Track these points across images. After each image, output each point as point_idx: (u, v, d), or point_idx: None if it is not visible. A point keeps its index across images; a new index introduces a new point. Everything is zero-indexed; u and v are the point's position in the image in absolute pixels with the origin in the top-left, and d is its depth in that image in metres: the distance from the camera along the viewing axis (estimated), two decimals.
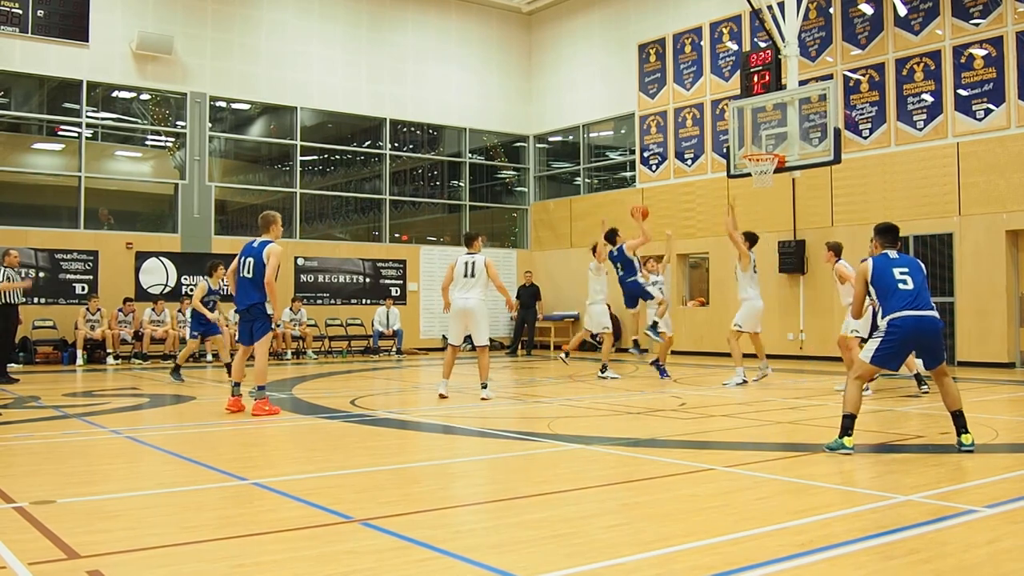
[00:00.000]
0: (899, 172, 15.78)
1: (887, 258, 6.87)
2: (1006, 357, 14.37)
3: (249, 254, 9.02)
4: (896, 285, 6.64)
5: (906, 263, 6.81)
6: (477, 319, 10.18)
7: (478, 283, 10.20)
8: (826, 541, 3.94)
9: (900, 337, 6.53)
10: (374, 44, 21.19)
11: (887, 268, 6.79)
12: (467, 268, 10.30)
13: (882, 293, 6.72)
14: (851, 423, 6.40)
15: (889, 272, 6.74)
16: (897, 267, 6.75)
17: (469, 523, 4.39)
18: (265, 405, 8.76)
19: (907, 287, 6.63)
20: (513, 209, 24.01)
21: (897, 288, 6.62)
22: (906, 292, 6.61)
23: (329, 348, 19.46)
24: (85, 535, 4.08)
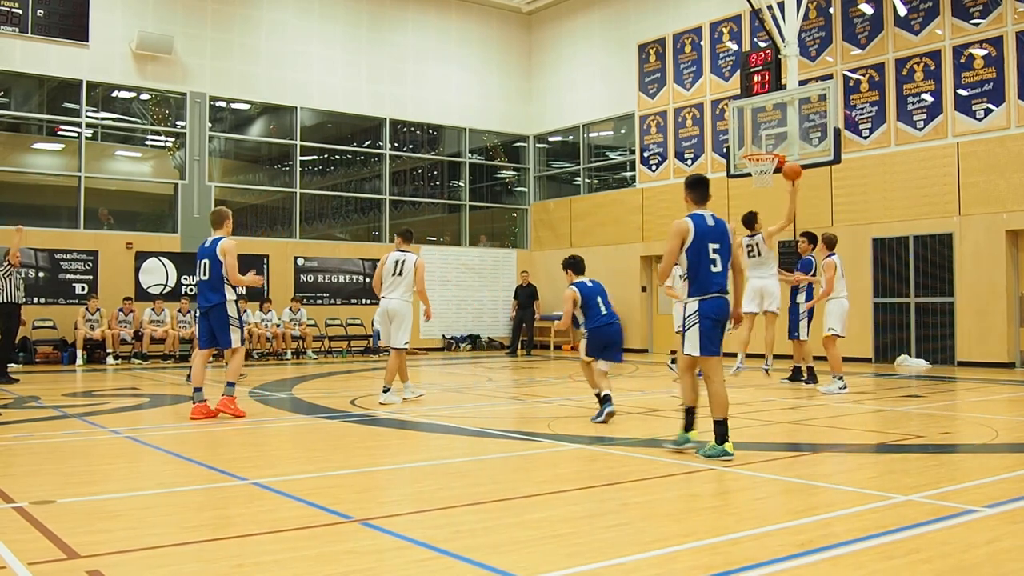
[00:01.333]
0: (899, 172, 15.78)
1: (704, 224, 6.26)
2: (1006, 357, 14.37)
3: (204, 255, 8.65)
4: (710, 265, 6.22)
5: (719, 235, 6.30)
6: (399, 320, 9.70)
7: (404, 282, 9.72)
8: (826, 541, 3.94)
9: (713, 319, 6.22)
10: (374, 44, 21.19)
11: (706, 239, 6.22)
12: (396, 266, 9.79)
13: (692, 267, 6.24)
14: (725, 428, 6.17)
15: (706, 246, 6.22)
16: (712, 241, 6.23)
17: (469, 523, 4.38)
18: (231, 403, 8.52)
19: (716, 269, 6.24)
20: (513, 209, 24.02)
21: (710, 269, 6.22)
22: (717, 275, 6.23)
23: (329, 348, 19.46)
24: (85, 535, 4.08)
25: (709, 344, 6.20)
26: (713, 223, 6.29)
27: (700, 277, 6.22)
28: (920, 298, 15.43)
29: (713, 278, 6.22)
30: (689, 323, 6.26)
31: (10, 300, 12.35)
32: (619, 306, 23.98)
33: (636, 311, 20.52)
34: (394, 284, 9.78)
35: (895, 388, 11.61)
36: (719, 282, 6.24)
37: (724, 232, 6.31)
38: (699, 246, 6.20)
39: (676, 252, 6.25)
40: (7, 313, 12.40)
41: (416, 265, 9.77)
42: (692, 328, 6.23)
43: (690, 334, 6.24)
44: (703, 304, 6.20)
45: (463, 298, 21.96)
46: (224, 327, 8.57)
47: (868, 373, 13.81)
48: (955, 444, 7.03)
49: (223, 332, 8.58)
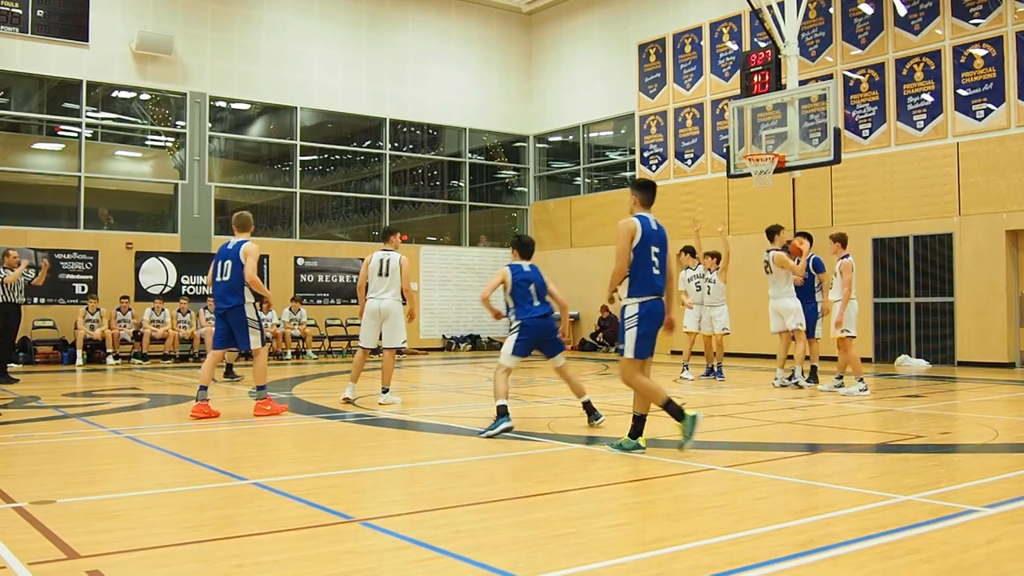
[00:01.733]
0: (899, 172, 15.78)
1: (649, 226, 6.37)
2: (1006, 357, 14.37)
3: (226, 256, 8.71)
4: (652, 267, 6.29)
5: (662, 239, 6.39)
6: (392, 320, 9.62)
7: (393, 282, 9.64)
8: (826, 541, 3.94)
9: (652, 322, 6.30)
10: (374, 44, 21.19)
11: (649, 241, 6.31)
12: (382, 266, 9.67)
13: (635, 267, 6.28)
14: (642, 424, 6.38)
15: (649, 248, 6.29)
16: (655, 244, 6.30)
17: (469, 523, 4.38)
18: (266, 405, 8.67)
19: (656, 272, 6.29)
20: (513, 209, 24.02)
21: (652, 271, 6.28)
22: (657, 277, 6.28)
23: (329, 348, 19.46)
24: (85, 535, 4.08)
25: (644, 347, 6.31)
26: (656, 227, 6.43)
27: (640, 278, 6.30)
28: (920, 298, 15.43)
29: (653, 281, 6.33)
30: (628, 325, 6.34)
31: (9, 300, 12.35)
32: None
33: None
34: (382, 284, 9.67)
35: (895, 388, 11.61)
36: (658, 285, 6.35)
37: (664, 237, 6.49)
38: (643, 248, 6.30)
39: (627, 252, 6.30)
40: (6, 313, 12.39)
41: (401, 263, 9.71)
42: (631, 330, 6.31)
43: (628, 335, 6.32)
44: (643, 306, 6.30)
45: (463, 298, 21.96)
46: (243, 329, 8.61)
47: (868, 373, 13.79)
48: (955, 444, 7.03)
49: (242, 334, 8.62)
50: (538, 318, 7.63)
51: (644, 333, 6.29)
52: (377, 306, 9.65)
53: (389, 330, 9.69)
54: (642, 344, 6.28)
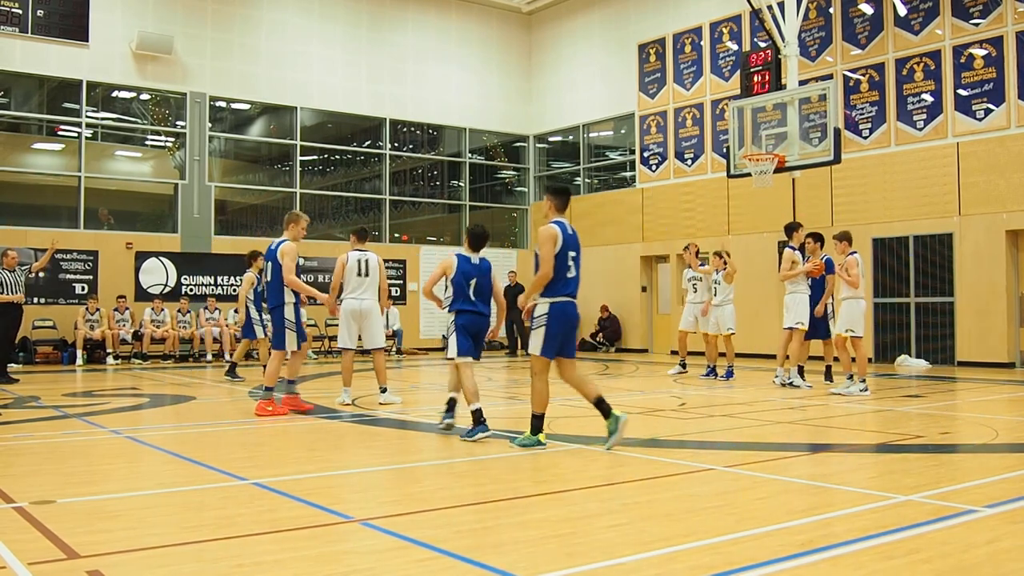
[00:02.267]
0: (899, 172, 15.78)
1: (567, 231, 6.53)
2: (1006, 357, 14.37)
3: (269, 256, 8.89)
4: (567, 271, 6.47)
5: (577, 244, 6.58)
6: (372, 321, 9.60)
7: (372, 283, 9.62)
8: (826, 541, 3.94)
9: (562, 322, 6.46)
10: (374, 44, 21.19)
11: (567, 246, 6.46)
12: (360, 266, 9.62)
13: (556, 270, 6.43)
14: (541, 422, 6.54)
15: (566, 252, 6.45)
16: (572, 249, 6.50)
17: (469, 523, 4.38)
18: (268, 405, 8.66)
19: (572, 275, 6.50)
20: (513, 209, 24.02)
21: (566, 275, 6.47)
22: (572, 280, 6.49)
23: (329, 348, 19.45)
24: (85, 535, 4.08)
25: (551, 346, 6.46)
26: (571, 232, 6.60)
27: (558, 280, 6.46)
28: (920, 298, 15.43)
29: (569, 284, 6.49)
30: (537, 324, 6.50)
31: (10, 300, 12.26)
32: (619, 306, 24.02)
33: (636, 311, 20.53)
34: (361, 285, 9.63)
35: (895, 388, 11.62)
36: (573, 288, 6.52)
37: (578, 241, 6.67)
38: (563, 253, 6.46)
39: (552, 257, 6.42)
40: (5, 313, 12.30)
41: (379, 264, 9.80)
42: (540, 329, 6.47)
43: (536, 334, 6.48)
44: (554, 307, 6.45)
45: None
46: (279, 330, 8.66)
47: (868, 373, 13.80)
48: (955, 444, 7.03)
49: (278, 335, 8.70)
50: (475, 313, 7.36)
51: (553, 333, 6.45)
52: (358, 307, 9.59)
53: (369, 331, 9.64)
54: (550, 344, 6.45)
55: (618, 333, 20.65)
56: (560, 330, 6.46)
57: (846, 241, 10.78)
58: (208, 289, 18.58)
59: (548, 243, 6.41)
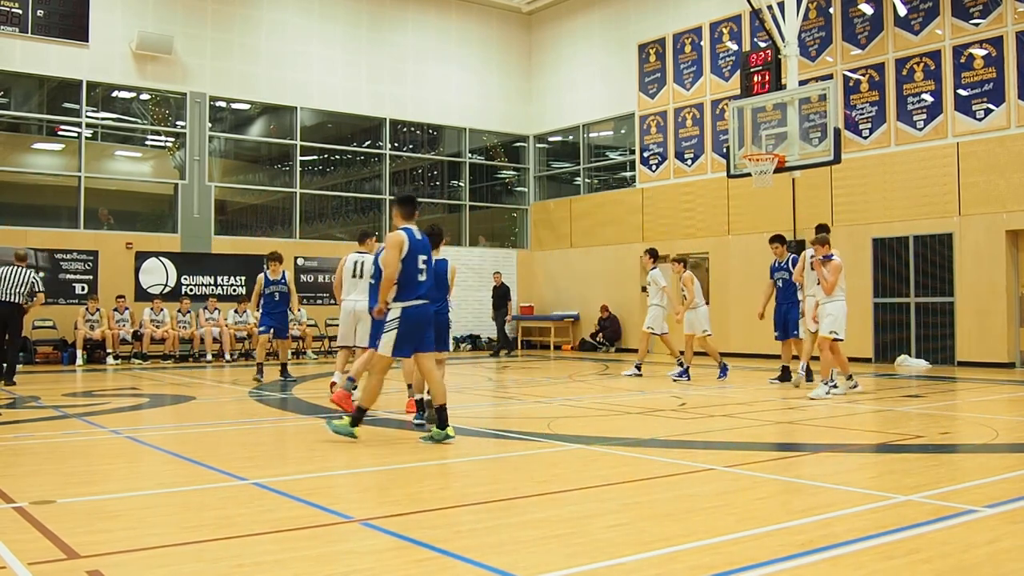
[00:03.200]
0: (899, 172, 15.78)
1: (415, 238, 6.89)
2: (1006, 357, 14.37)
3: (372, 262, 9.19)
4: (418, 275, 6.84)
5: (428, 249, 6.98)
6: (367, 321, 9.43)
7: (366, 285, 9.50)
8: (826, 541, 3.94)
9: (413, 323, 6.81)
10: (374, 44, 21.19)
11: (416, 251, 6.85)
12: (356, 268, 9.89)
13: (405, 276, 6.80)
14: (363, 415, 6.92)
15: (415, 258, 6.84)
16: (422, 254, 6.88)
17: (469, 523, 4.38)
18: (348, 399, 8.73)
19: (423, 279, 6.86)
20: (513, 209, 24.02)
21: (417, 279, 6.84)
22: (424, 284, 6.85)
23: (329, 348, 19.45)
24: (85, 535, 4.08)
25: (400, 348, 6.86)
26: (420, 237, 7.00)
27: (409, 285, 6.84)
28: (920, 298, 15.43)
29: (420, 287, 6.89)
30: (389, 327, 6.84)
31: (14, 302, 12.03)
32: (619, 306, 23.97)
33: (636, 311, 20.50)
34: (355, 286, 9.86)
35: (895, 388, 11.62)
36: (424, 290, 6.91)
37: (428, 246, 7.06)
38: (411, 257, 6.84)
39: (396, 262, 6.80)
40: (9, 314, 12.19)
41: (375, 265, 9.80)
42: (391, 332, 6.82)
43: (387, 337, 6.83)
44: (406, 311, 6.83)
45: (463, 298, 21.94)
46: (376, 331, 8.76)
47: (868, 373, 13.81)
48: (955, 444, 7.03)
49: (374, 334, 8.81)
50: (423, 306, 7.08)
51: (404, 334, 6.83)
52: (352, 307, 9.87)
53: (364, 330, 9.71)
54: (400, 345, 6.83)
55: (618, 333, 20.65)
56: (411, 333, 6.85)
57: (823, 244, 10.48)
58: (208, 289, 18.58)
59: (393, 249, 6.81)
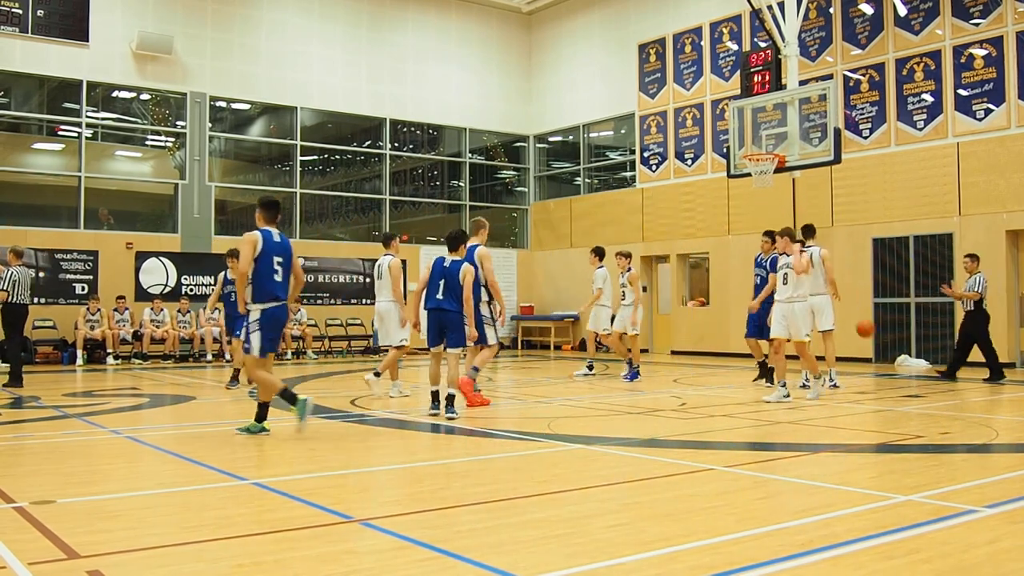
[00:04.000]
0: (899, 172, 15.78)
1: (271, 239, 7.23)
2: (1006, 357, 14.36)
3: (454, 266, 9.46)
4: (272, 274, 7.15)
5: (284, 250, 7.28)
6: (385, 321, 10.22)
7: (385, 285, 10.22)
8: (826, 541, 3.94)
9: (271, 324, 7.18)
10: (374, 44, 21.19)
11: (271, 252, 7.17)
12: (377, 270, 10.36)
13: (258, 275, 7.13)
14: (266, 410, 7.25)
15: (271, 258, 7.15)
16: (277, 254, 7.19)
17: (469, 523, 4.38)
18: (470, 386, 9.33)
19: (279, 280, 7.17)
20: (513, 209, 24.02)
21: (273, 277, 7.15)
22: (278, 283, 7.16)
23: (329, 348, 19.46)
24: (85, 535, 4.08)
25: (269, 346, 7.20)
26: (279, 239, 7.31)
27: (262, 286, 7.14)
28: (920, 298, 15.43)
29: (275, 288, 7.18)
30: (252, 328, 7.15)
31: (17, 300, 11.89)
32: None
33: None
34: (378, 288, 10.40)
35: (895, 388, 11.62)
36: (278, 291, 7.20)
37: (287, 248, 7.34)
38: (265, 258, 7.14)
39: (250, 259, 7.12)
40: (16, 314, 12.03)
41: (390, 266, 10.26)
42: (255, 333, 7.13)
43: (254, 338, 7.14)
44: (265, 313, 7.15)
45: None
46: (480, 326, 9.54)
47: (868, 373, 13.81)
48: (955, 444, 7.02)
49: (480, 330, 9.46)
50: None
51: (268, 336, 7.17)
52: (376, 308, 10.44)
53: (384, 330, 10.33)
54: (266, 345, 7.16)
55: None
56: (272, 333, 7.22)
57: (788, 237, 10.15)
58: (208, 289, 18.55)
59: (247, 246, 7.14)
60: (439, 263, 8.59)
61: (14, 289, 11.75)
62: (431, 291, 8.53)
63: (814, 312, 11.09)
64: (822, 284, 11.10)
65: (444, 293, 8.42)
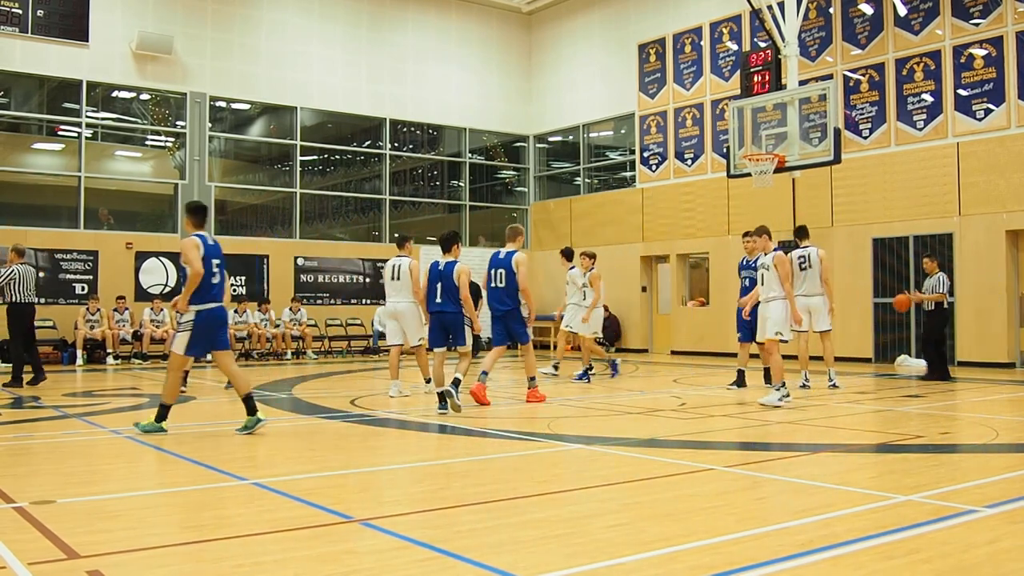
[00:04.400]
0: (899, 172, 15.78)
1: (208, 242, 7.42)
2: (1006, 357, 14.37)
3: (499, 265, 9.99)
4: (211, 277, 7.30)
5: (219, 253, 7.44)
6: (407, 321, 10.34)
7: (404, 287, 10.31)
8: (826, 541, 3.94)
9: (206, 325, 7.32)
10: (374, 44, 21.19)
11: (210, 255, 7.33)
12: (393, 271, 10.44)
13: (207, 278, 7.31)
14: (167, 411, 7.39)
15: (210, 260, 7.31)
16: (215, 257, 7.36)
17: (469, 523, 4.38)
18: (536, 393, 9.87)
19: (216, 281, 7.33)
20: (513, 209, 24.01)
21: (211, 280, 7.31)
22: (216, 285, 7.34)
23: (329, 348, 19.46)
24: (85, 535, 4.08)
25: (195, 346, 7.37)
26: (213, 242, 7.48)
27: (202, 288, 7.26)
28: None
29: (214, 288, 7.35)
30: (184, 327, 7.30)
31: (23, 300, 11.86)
32: (619, 306, 23.95)
33: (636, 311, 20.53)
34: (395, 288, 10.41)
35: (895, 388, 11.62)
36: (217, 292, 7.38)
37: (221, 251, 7.51)
38: (206, 262, 7.29)
39: (200, 259, 7.23)
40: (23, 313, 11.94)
41: (410, 268, 10.34)
42: (185, 333, 7.29)
43: (182, 337, 7.30)
44: (200, 314, 7.29)
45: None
46: (522, 327, 10.01)
47: (868, 373, 13.81)
48: (955, 444, 7.03)
49: (522, 331, 9.97)
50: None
51: (196, 335, 7.29)
52: (393, 309, 10.48)
53: (409, 329, 10.43)
54: (194, 344, 7.33)
55: (618, 333, 20.64)
56: (204, 334, 7.32)
57: (765, 235, 9.81)
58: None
59: (192, 249, 7.24)
60: (434, 267, 8.97)
61: (14, 286, 11.73)
62: (431, 295, 8.91)
63: (811, 312, 11.07)
64: (819, 284, 11.07)
65: (442, 296, 8.78)
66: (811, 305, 11.12)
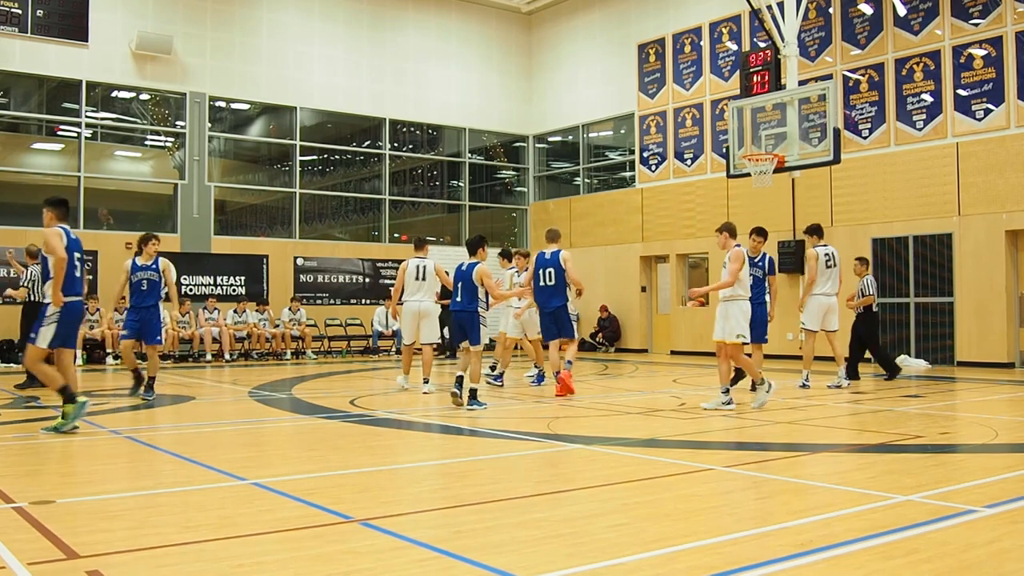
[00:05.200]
0: (899, 172, 15.78)
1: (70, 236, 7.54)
2: (1006, 357, 14.37)
3: (547, 264, 10.75)
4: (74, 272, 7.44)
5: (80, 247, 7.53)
6: (430, 320, 10.97)
7: (428, 286, 10.93)
8: (826, 541, 3.94)
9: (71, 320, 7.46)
10: (374, 44, 21.19)
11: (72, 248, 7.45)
12: (418, 271, 10.94)
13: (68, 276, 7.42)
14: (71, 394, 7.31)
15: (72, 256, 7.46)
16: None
17: (469, 523, 4.38)
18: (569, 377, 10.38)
19: (78, 275, 7.48)
20: (513, 209, 24.02)
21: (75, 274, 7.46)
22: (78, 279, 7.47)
23: (328, 348, 19.45)
24: (85, 535, 4.08)
25: (56, 340, 7.41)
26: (75, 236, 7.59)
27: (66, 281, 7.35)
28: (920, 298, 15.43)
29: (76, 282, 7.47)
30: (49, 320, 7.34)
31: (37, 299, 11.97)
32: (619, 306, 23.97)
33: (635, 311, 20.53)
34: (419, 288, 10.90)
35: (895, 388, 11.62)
36: (78, 286, 7.49)
37: (80, 244, 7.66)
38: (68, 254, 7.36)
39: (63, 248, 7.31)
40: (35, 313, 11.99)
41: (436, 269, 11.02)
42: (51, 325, 7.34)
43: (47, 329, 7.35)
44: (66, 306, 7.38)
45: None
46: (567, 322, 10.79)
47: (868, 373, 13.81)
48: (955, 444, 7.03)
49: (566, 326, 10.78)
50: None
51: (62, 331, 7.39)
52: (417, 308, 10.91)
53: (427, 328, 10.96)
54: (56, 338, 7.37)
55: (617, 333, 20.65)
56: (67, 329, 7.45)
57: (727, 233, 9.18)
58: (208, 289, 18.59)
59: (56, 238, 7.33)
60: (459, 268, 9.42)
61: (34, 287, 11.97)
62: (454, 295, 9.36)
63: (829, 312, 11.21)
64: (835, 285, 11.22)
65: (462, 295, 9.20)
66: (832, 305, 11.25)
